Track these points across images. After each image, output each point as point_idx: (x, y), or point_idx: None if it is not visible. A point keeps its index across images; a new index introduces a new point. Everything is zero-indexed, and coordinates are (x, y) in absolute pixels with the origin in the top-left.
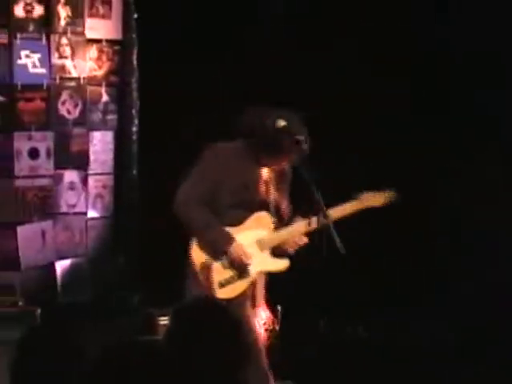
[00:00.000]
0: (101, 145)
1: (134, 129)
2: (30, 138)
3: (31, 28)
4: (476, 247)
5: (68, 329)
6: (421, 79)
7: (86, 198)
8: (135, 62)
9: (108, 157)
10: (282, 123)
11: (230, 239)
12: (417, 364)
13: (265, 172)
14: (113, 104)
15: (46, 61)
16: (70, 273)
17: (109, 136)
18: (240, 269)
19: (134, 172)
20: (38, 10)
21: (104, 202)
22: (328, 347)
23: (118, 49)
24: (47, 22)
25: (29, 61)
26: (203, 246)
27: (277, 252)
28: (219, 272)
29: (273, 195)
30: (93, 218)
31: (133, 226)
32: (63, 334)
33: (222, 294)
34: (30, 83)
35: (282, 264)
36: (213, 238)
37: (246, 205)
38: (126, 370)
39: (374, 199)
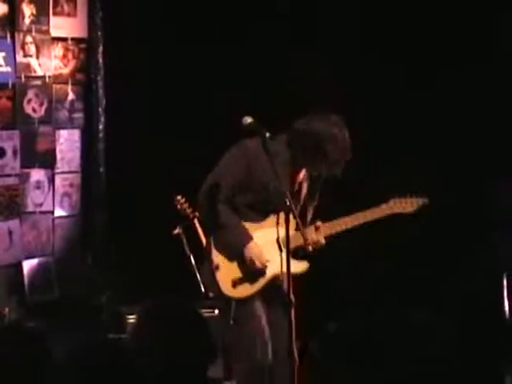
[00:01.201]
0: (67, 143)
1: (101, 127)
2: None
3: None
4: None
5: (35, 329)
6: None
7: (53, 197)
8: (101, 60)
9: (75, 155)
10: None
11: (247, 239)
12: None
13: (301, 176)
14: (79, 102)
15: (11, 59)
16: (37, 272)
17: (75, 134)
18: (255, 268)
19: (101, 170)
20: (2, 9)
21: (71, 201)
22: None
23: (84, 47)
24: (11, 21)
25: None
26: (220, 243)
27: (297, 253)
28: (233, 270)
29: (302, 200)
30: (60, 217)
31: (100, 224)
32: (30, 334)
33: (235, 293)
34: None
35: (301, 266)
36: (231, 236)
37: (273, 203)
38: (94, 369)
39: (404, 205)
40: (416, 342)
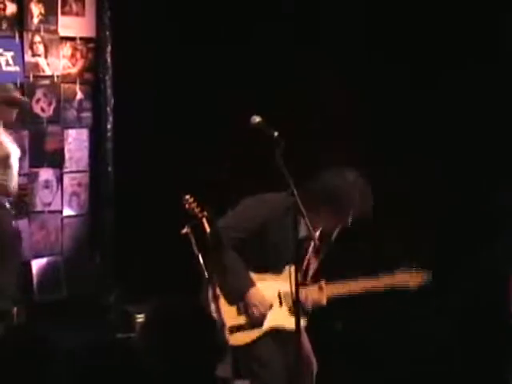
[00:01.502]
0: (76, 143)
1: (109, 126)
2: None
3: (4, 26)
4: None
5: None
6: None
7: (62, 196)
8: (109, 60)
9: (83, 154)
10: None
11: (251, 283)
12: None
13: (315, 233)
14: (87, 101)
15: (20, 59)
16: (45, 271)
17: (84, 134)
18: (253, 318)
19: (110, 169)
20: (11, 8)
21: (79, 200)
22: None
23: (92, 46)
24: (20, 20)
25: (2, 59)
26: (223, 287)
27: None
28: (232, 316)
29: (310, 254)
30: (68, 216)
31: (108, 223)
32: (38, 334)
33: (231, 339)
34: (3, 81)
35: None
36: (235, 279)
37: (281, 258)
38: (102, 369)
39: (408, 278)
40: (416, 341)
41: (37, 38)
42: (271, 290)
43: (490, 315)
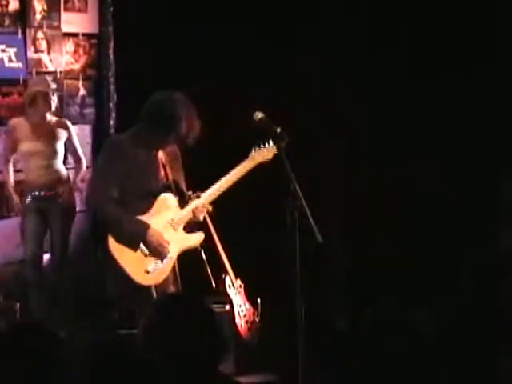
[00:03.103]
0: (78, 138)
1: (112, 122)
2: None
3: (7, 22)
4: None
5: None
6: None
7: None
8: (112, 56)
9: (86, 150)
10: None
11: (145, 227)
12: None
13: (160, 155)
14: (90, 98)
15: (23, 55)
16: (48, 267)
17: (86, 130)
18: (160, 253)
19: None
20: (14, 4)
21: (82, 196)
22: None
23: (95, 42)
24: (23, 16)
25: (5, 55)
26: (121, 239)
27: (189, 227)
28: (141, 261)
29: (171, 176)
30: None
31: None
32: (42, 330)
33: (149, 280)
34: (6, 78)
35: (197, 238)
36: (128, 229)
37: (150, 191)
38: (105, 364)
39: (264, 154)
40: (416, 341)
41: (39, 35)
42: (160, 222)
43: (490, 315)
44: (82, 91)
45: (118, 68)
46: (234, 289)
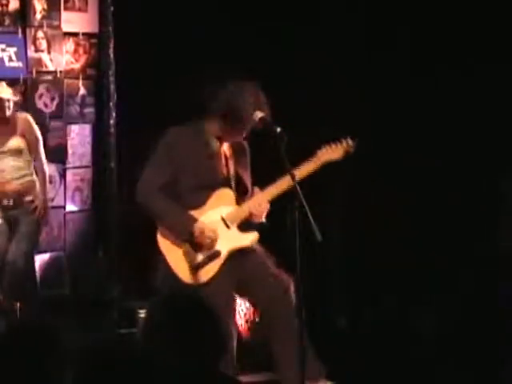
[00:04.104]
0: (78, 138)
1: (112, 121)
2: None
3: (7, 22)
4: None
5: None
6: None
7: (65, 192)
8: (112, 55)
9: (86, 150)
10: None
11: (192, 219)
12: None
13: (224, 148)
14: (90, 97)
15: (23, 54)
16: (48, 267)
17: (86, 129)
18: (208, 247)
19: (112, 165)
20: (14, 4)
21: (82, 196)
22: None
23: (95, 42)
24: (23, 16)
25: (5, 54)
26: (168, 233)
27: (246, 226)
28: (189, 256)
29: (233, 170)
30: (71, 212)
31: (111, 219)
32: (42, 330)
33: (195, 279)
34: (6, 77)
35: (251, 238)
36: (175, 221)
37: (209, 184)
38: (105, 364)
39: (331, 153)
40: (415, 341)
41: (40, 34)
42: (214, 217)
43: (490, 315)
44: (82, 91)
45: (118, 67)
46: None
